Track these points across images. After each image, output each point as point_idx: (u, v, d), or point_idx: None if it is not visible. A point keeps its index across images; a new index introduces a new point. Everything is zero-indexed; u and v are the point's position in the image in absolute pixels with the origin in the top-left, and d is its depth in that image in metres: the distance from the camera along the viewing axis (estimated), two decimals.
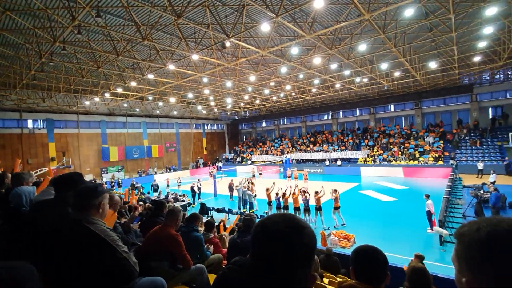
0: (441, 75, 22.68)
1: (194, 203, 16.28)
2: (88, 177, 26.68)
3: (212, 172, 24.40)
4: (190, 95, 24.46)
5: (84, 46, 12.79)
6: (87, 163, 28.41)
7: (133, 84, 18.65)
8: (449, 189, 13.06)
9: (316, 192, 11.42)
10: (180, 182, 21.31)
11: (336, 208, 11.24)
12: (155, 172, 32.28)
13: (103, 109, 29.22)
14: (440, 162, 23.05)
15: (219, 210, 13.07)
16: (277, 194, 12.40)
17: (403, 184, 19.96)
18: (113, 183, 22.76)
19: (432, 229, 9.67)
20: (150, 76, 16.84)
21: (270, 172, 29.76)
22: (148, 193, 16.28)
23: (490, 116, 25.80)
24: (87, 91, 21.02)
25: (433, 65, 18.60)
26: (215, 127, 44.73)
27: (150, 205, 7.66)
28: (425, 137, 26.54)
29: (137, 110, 31.50)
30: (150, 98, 25.43)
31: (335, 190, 11.54)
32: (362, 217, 12.51)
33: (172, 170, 34.27)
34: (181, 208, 3.52)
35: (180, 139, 38.03)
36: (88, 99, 23.95)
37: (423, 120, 29.57)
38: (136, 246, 3.55)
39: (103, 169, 29.38)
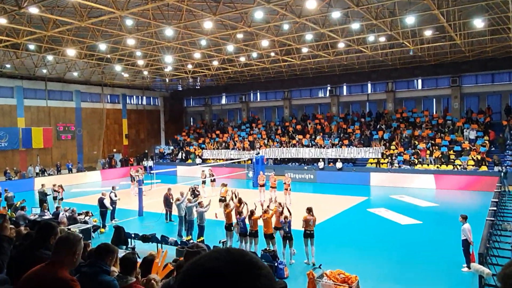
0: (489, 38, 24.38)
1: (104, 227, 16.18)
2: None
3: (136, 175, 23.93)
4: (103, 47, 24.03)
5: None
6: None
7: (2, 21, 17.82)
8: (494, 208, 13.89)
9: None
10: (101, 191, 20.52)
11: (306, 236, 11.50)
12: (39, 173, 31.02)
13: None
14: (484, 168, 25.01)
15: (146, 238, 12.93)
16: (239, 213, 12.48)
17: (431, 200, 21.27)
18: None
19: (469, 267, 10.38)
20: (33, 10, 16.08)
21: (232, 177, 29.93)
22: (24, 208, 15.24)
23: None
24: None
25: (478, 23, 19.89)
26: (144, 102, 44.31)
27: (28, 229, 7.30)
28: (464, 129, 28.54)
29: (8, 66, 29.68)
30: (32, 47, 24.64)
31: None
32: (370, 248, 13.13)
33: (70, 171, 33.09)
34: (81, 236, 3.39)
35: (83, 118, 37.13)
36: None
37: (462, 104, 31.76)
38: None
39: None
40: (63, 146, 35.48)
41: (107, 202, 16.61)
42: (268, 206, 12.78)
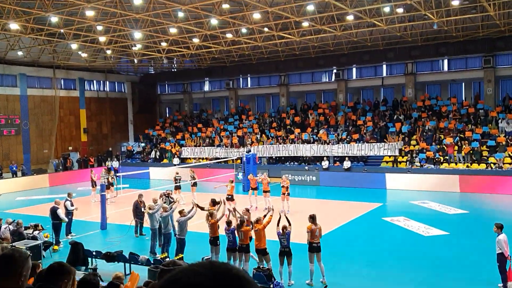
0: None
1: (58, 243, 16.06)
2: None
3: (101, 179, 23.68)
4: (54, 20, 23.69)
5: None
6: None
7: None
8: None
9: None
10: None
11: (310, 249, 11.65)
12: None
13: None
14: None
15: (111, 257, 12.85)
16: (229, 223, 12.48)
17: (460, 206, 21.47)
18: None
19: (506, 286, 10.57)
20: None
21: (218, 179, 29.86)
22: None
23: None
24: None
25: None
26: (107, 88, 44.06)
27: None
28: (499, 120, 28.83)
29: None
30: None
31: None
32: (387, 265, 13.20)
33: (14, 174, 32.72)
34: (28, 253, 3.31)
35: (30, 109, 36.78)
36: None
37: (497, 89, 32.03)
38: None
39: None
40: (5, 144, 35.01)
41: (61, 212, 16.40)
42: (264, 216, 12.73)
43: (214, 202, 14.40)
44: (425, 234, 16.41)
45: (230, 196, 19.89)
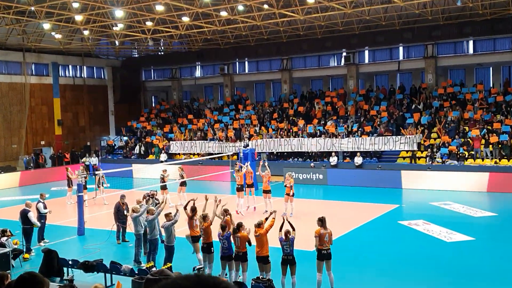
0: None
1: (29, 251, 16.03)
2: None
3: (75, 177, 23.65)
4: None
5: None
6: None
7: None
8: None
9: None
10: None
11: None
12: None
13: None
14: None
15: (90, 266, 12.81)
16: (224, 227, 12.46)
17: (487, 208, 21.46)
18: None
19: None
20: None
21: (211, 178, 29.80)
22: None
23: None
24: None
25: None
26: (85, 74, 44.00)
27: None
28: None
29: None
30: None
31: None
32: (405, 275, 13.19)
33: None
34: None
35: None
36: None
37: None
38: None
39: None
40: None
41: (33, 216, 16.35)
42: (266, 219, 12.68)
43: (193, 210, 14.22)
44: (447, 240, 16.37)
45: (239, 186, 21.12)
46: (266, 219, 12.72)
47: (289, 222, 12.21)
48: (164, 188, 23.34)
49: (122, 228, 17.39)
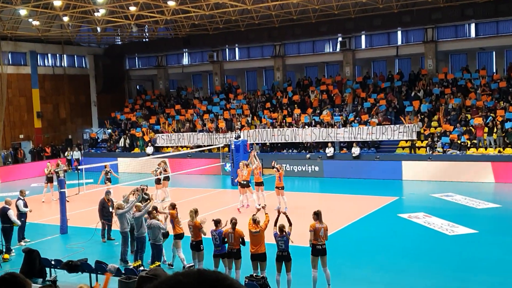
0: None
1: (9, 251, 15.98)
2: None
3: (55, 171, 23.46)
4: None
5: None
6: None
7: None
8: None
9: (317, 216, 11.68)
10: None
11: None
12: None
13: None
14: None
15: (74, 266, 12.78)
16: (217, 222, 12.49)
17: (491, 199, 21.56)
18: None
19: None
20: None
21: (200, 172, 29.76)
22: None
23: None
24: None
25: None
26: (65, 63, 43.71)
27: None
28: None
29: None
30: None
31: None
32: (404, 271, 13.29)
33: None
34: None
35: None
36: None
37: None
38: None
39: None
40: None
41: (12, 214, 16.29)
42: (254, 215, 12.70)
43: (173, 206, 14.33)
44: (449, 233, 16.48)
45: (244, 182, 20.47)
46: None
47: (286, 216, 12.20)
48: (158, 182, 23.26)
49: (108, 225, 17.35)
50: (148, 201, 15.21)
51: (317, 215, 11.77)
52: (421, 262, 13.77)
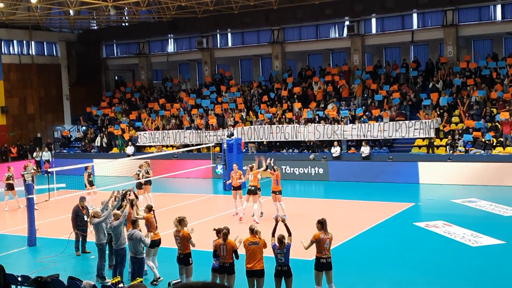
0: None
1: None
2: None
3: (22, 175, 23.52)
4: None
5: None
6: None
7: None
8: None
9: (322, 225, 11.64)
10: None
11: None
12: None
13: None
14: None
15: (43, 283, 12.71)
16: (219, 231, 12.35)
17: None
18: None
19: None
20: None
21: (188, 175, 29.72)
22: None
23: None
24: None
25: None
26: (33, 51, 43.79)
27: None
28: None
29: None
30: None
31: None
32: (419, 284, 13.30)
33: None
34: None
35: None
36: None
37: None
38: None
39: None
40: None
41: None
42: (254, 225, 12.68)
43: (150, 209, 14.52)
44: (472, 244, 16.45)
45: (252, 188, 20.31)
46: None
47: (285, 224, 12.16)
48: (139, 187, 23.22)
49: (82, 236, 17.25)
50: (125, 207, 15.08)
51: (322, 224, 11.72)
52: (441, 277, 13.71)
